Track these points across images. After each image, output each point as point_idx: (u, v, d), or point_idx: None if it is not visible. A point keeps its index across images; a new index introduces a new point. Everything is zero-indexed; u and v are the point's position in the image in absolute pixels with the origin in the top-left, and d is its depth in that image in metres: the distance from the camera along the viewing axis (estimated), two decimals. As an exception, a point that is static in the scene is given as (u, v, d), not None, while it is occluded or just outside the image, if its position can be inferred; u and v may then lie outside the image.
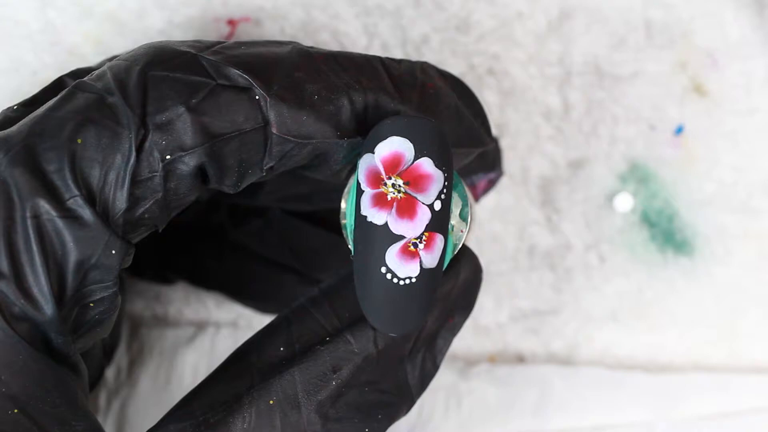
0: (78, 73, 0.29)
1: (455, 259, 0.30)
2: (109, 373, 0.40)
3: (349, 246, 0.28)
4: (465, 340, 0.41)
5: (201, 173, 0.27)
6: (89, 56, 0.38)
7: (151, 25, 0.38)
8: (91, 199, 0.25)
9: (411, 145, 0.26)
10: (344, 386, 0.28)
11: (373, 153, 0.27)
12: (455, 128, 0.30)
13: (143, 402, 0.40)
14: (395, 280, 0.27)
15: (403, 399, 0.29)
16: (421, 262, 0.27)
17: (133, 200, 0.26)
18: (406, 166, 0.26)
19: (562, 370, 0.41)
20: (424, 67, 0.30)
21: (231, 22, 0.39)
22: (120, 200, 0.25)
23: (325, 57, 0.28)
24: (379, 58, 0.29)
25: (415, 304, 0.27)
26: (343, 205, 0.29)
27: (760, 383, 0.41)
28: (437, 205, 0.27)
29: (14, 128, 0.26)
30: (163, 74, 0.26)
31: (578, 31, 0.40)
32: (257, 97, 0.26)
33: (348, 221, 0.28)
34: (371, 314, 0.27)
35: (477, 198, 0.36)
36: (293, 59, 0.27)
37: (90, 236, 0.25)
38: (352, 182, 0.28)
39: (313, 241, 0.37)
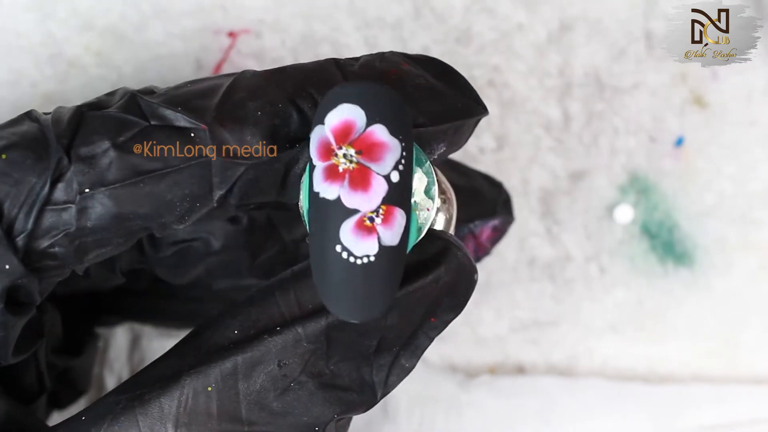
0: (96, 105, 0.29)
1: (440, 254, 0.28)
2: (110, 383, 0.40)
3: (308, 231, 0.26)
4: (465, 352, 0.41)
5: (129, 221, 0.26)
6: (90, 68, 0.38)
7: (152, 37, 0.38)
8: None
9: (362, 112, 0.24)
10: (292, 381, 0.26)
11: (323, 124, 0.25)
12: (430, 105, 0.28)
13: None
14: (351, 259, 0.25)
15: (363, 396, 0.27)
16: (379, 238, 0.25)
17: (44, 229, 0.26)
18: (357, 134, 0.24)
19: (563, 381, 0.41)
20: (386, 56, 0.28)
21: (231, 34, 0.39)
22: (25, 221, 0.26)
23: (270, 72, 0.27)
24: (334, 59, 0.28)
25: (375, 287, 0.25)
26: (301, 191, 0.27)
27: (761, 394, 0.41)
28: (394, 176, 0.24)
29: None
30: (98, 113, 0.27)
31: (578, 42, 0.40)
32: (192, 134, 0.26)
33: (303, 203, 0.27)
34: (328, 299, 0.25)
35: (486, 250, 0.33)
36: (235, 83, 0.27)
37: None
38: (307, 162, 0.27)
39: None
